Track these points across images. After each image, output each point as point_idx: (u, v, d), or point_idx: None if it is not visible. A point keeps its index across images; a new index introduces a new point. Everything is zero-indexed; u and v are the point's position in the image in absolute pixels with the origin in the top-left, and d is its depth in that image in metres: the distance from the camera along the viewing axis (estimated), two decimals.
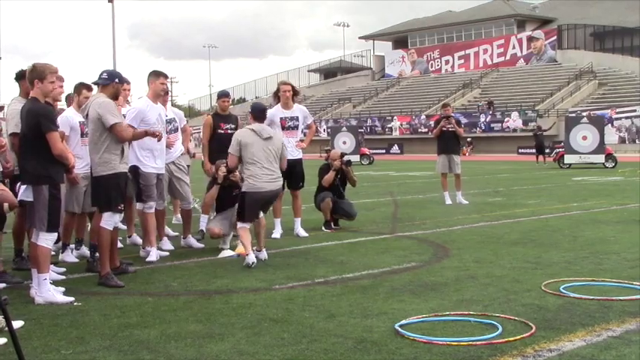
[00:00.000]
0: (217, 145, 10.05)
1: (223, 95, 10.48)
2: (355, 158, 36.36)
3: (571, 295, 6.12)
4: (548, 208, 13.62)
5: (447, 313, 5.53)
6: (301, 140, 10.25)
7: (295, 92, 10.29)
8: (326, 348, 4.70)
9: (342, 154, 11.19)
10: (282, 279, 7.01)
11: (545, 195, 16.75)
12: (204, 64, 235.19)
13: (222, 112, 10.30)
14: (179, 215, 10.66)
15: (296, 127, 10.12)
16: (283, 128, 9.98)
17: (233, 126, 10.23)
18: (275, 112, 10.10)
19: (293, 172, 9.84)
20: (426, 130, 54.41)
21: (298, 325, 5.29)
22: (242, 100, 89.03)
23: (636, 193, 16.64)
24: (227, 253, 8.51)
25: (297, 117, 10.15)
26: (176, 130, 9.23)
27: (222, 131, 10.11)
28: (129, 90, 9.31)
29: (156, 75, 8.55)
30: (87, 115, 7.20)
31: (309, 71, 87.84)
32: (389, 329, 5.11)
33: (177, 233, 9.99)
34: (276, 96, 10.33)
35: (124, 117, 7.88)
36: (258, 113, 8.44)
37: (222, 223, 8.88)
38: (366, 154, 39.17)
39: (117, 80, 7.20)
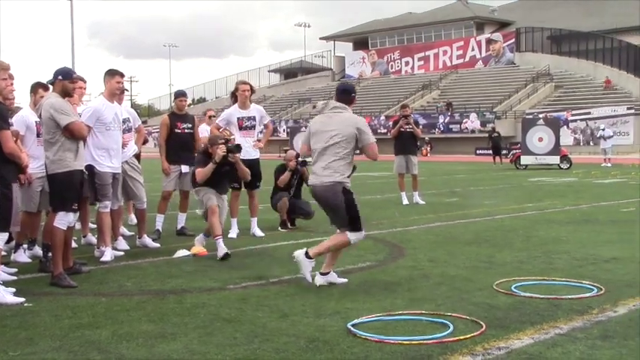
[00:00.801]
0: (174, 144, 10.03)
1: (180, 95, 10.45)
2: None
3: (522, 294, 6.22)
4: (503, 208, 13.80)
5: (400, 312, 5.58)
6: (258, 140, 10.25)
7: (252, 91, 10.28)
8: (278, 347, 4.71)
9: (298, 155, 11.23)
10: (236, 279, 7.00)
11: (501, 195, 16.97)
12: (164, 64, 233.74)
13: (179, 112, 10.28)
14: (132, 215, 10.59)
15: (253, 127, 10.10)
16: (240, 128, 9.96)
17: (190, 125, 10.21)
18: (232, 112, 10.08)
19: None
20: (385, 130, 54.58)
21: (251, 324, 5.29)
22: (202, 100, 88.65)
23: (589, 194, 16.96)
24: (182, 252, 8.46)
25: (254, 117, 10.13)
26: (130, 130, 9.16)
27: (180, 131, 10.09)
28: (84, 88, 9.22)
29: (112, 74, 8.47)
30: (40, 114, 7.14)
31: (269, 71, 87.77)
32: (341, 328, 5.14)
33: (132, 233, 9.92)
34: (234, 95, 10.30)
35: (80, 116, 7.81)
36: (337, 92, 7.13)
37: (217, 199, 8.74)
38: None
39: (60, 77, 7.10)
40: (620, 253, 8.32)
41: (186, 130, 10.12)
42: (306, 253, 6.66)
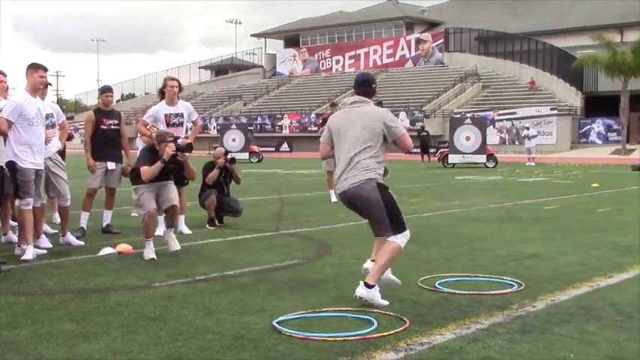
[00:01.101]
0: (100, 141, 9.87)
1: (106, 90, 10.28)
2: (244, 156, 36.33)
3: (445, 290, 6.33)
4: (430, 206, 13.99)
5: (325, 309, 5.61)
6: (186, 137, 10.16)
7: (180, 88, 10.17)
8: (202, 345, 4.68)
9: (227, 152, 11.19)
10: (162, 276, 6.93)
11: (429, 194, 17.20)
12: (92, 58, 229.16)
13: (105, 108, 10.11)
14: (57, 214, 10.35)
15: (181, 124, 10.01)
16: (168, 125, 9.85)
17: (116, 122, 10.06)
18: (159, 109, 9.96)
19: (178, 169, 9.73)
20: (316, 128, 54.86)
21: (176, 322, 5.24)
22: (132, 96, 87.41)
23: (513, 192, 17.35)
24: (107, 250, 8.33)
25: (182, 114, 10.03)
26: (53, 125, 8.98)
27: (106, 127, 9.94)
28: (5, 82, 8.98)
29: (35, 68, 8.26)
30: None
31: (200, 68, 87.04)
32: (267, 326, 5.14)
33: (56, 230, 9.71)
34: (161, 92, 10.18)
35: (0, 111, 7.62)
36: (356, 84, 6.31)
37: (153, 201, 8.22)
38: (255, 151, 39.17)
39: None
40: (541, 250, 8.55)
41: (112, 127, 9.97)
42: (366, 285, 5.77)
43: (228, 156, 11.04)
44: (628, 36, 57.23)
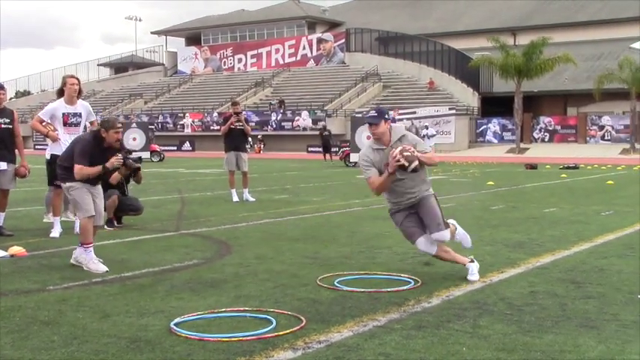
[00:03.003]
0: None
1: None
2: (145, 155, 35.73)
3: (344, 288, 6.40)
4: (331, 204, 14.12)
5: (223, 309, 5.59)
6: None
7: (80, 90, 9.91)
8: (97, 349, 4.59)
9: (128, 151, 10.99)
10: (57, 279, 6.75)
11: (330, 192, 17.35)
12: None
13: None
14: None
15: (78, 124, 9.81)
16: (65, 124, 9.64)
17: (8, 120, 9.73)
18: (58, 107, 9.72)
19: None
20: (218, 127, 54.53)
21: (70, 326, 5.12)
22: (27, 93, 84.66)
23: None
24: None
25: (81, 113, 9.83)
26: None
27: None
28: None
29: None
30: None
31: (99, 65, 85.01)
32: (165, 327, 5.08)
33: None
34: (61, 90, 9.91)
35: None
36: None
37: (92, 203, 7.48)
38: (157, 150, 38.59)
39: None
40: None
41: (3, 126, 9.63)
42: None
43: (133, 155, 10.83)
44: (520, 39, 59.20)
